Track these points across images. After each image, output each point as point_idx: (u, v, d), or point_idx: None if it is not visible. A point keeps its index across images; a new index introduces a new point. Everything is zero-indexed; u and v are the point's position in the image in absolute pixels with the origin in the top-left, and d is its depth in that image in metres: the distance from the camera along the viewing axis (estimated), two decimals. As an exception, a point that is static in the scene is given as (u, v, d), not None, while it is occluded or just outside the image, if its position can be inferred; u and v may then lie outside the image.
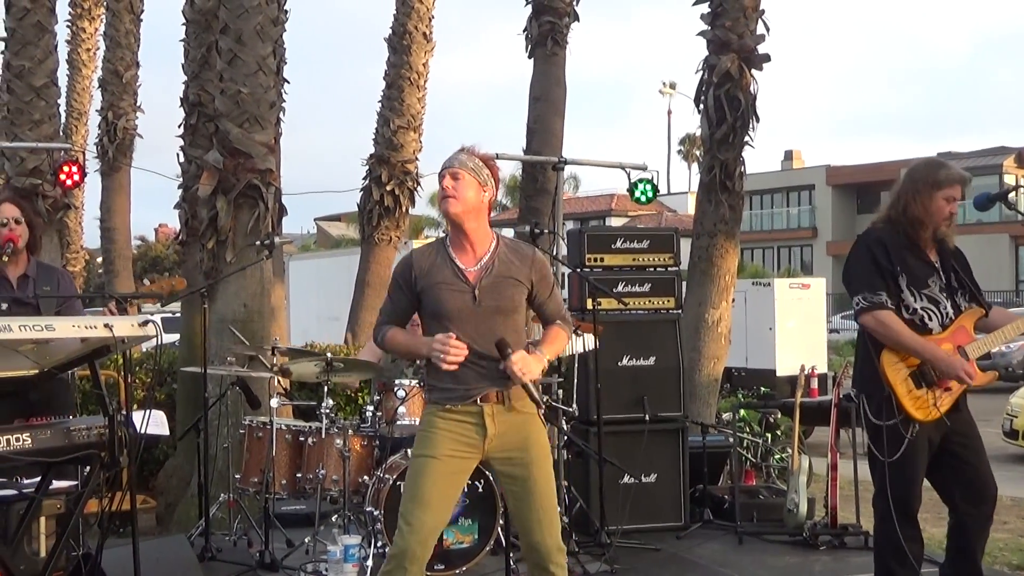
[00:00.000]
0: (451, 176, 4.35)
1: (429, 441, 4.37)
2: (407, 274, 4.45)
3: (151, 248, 53.23)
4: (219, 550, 6.79)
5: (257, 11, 8.56)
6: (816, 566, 6.98)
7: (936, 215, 5.06)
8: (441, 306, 4.34)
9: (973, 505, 5.09)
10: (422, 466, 4.35)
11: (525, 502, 4.39)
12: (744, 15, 10.65)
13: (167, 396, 9.52)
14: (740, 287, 13.90)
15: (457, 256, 4.41)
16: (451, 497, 4.43)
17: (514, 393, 4.35)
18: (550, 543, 4.37)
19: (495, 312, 4.34)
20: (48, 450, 4.19)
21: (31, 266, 6.15)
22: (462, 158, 4.39)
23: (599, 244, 8.00)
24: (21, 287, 6.11)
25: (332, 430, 6.65)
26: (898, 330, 4.96)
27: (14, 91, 10.51)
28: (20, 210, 6.13)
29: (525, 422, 4.40)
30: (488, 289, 4.34)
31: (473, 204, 4.35)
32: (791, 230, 52.43)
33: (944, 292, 5.09)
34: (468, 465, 4.44)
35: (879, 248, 5.07)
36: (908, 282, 5.03)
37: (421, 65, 14.75)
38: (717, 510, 8.18)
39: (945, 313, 5.07)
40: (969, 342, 5.07)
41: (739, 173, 10.65)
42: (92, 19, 22.00)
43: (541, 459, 4.42)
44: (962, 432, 5.09)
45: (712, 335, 10.40)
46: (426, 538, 4.28)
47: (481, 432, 4.34)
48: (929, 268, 5.10)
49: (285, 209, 8.90)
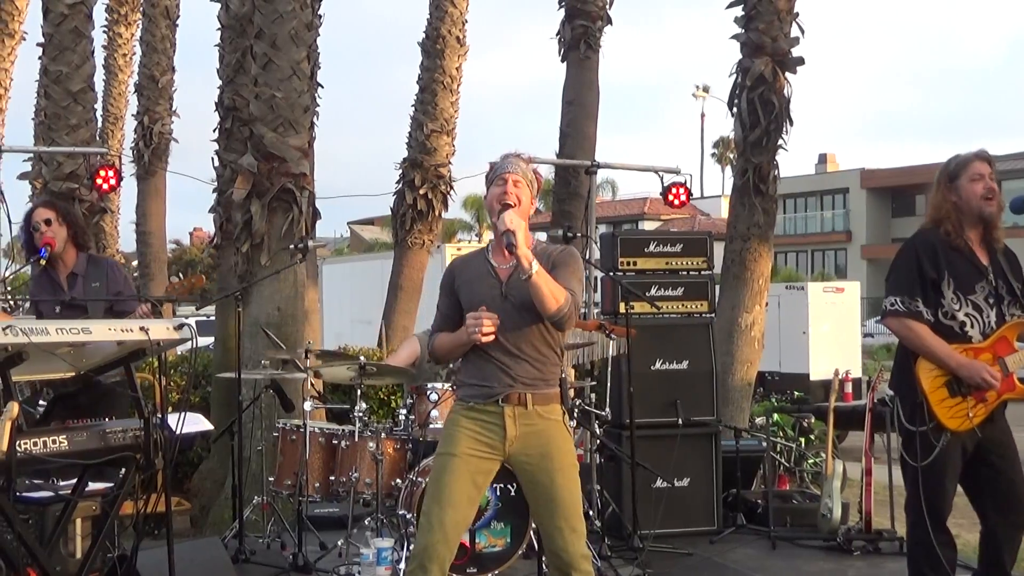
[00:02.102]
0: (513, 183, 4.45)
1: (451, 439, 4.42)
2: (449, 277, 4.62)
3: (186, 252, 53.58)
4: (253, 552, 6.82)
5: (291, 16, 8.60)
6: (850, 571, 6.94)
7: (970, 200, 5.02)
8: (472, 299, 4.44)
9: (1004, 515, 5.04)
10: (444, 464, 4.39)
11: (548, 509, 4.38)
12: (778, 18, 10.62)
13: (202, 399, 9.57)
14: (774, 291, 13.86)
15: (494, 256, 4.52)
16: (472, 497, 4.41)
17: (535, 397, 4.37)
18: (573, 551, 4.35)
19: (522, 307, 4.36)
20: (84, 452, 4.22)
21: (79, 263, 6.21)
22: (522, 166, 4.50)
23: (632, 248, 7.99)
24: (71, 286, 6.18)
25: (365, 433, 6.66)
26: (924, 336, 4.92)
27: (51, 96, 10.59)
28: (54, 211, 6.20)
29: (548, 428, 4.40)
30: (515, 284, 4.39)
31: (525, 210, 4.46)
32: (825, 234, 52.16)
33: (991, 299, 5.02)
34: (489, 466, 4.43)
35: (928, 252, 5.01)
36: (955, 287, 4.97)
37: (454, 69, 14.76)
38: (750, 515, 8.15)
39: (987, 322, 5.00)
40: (1010, 353, 4.99)
41: (773, 176, 10.61)
42: (128, 24, 22.10)
43: (566, 467, 4.40)
44: (997, 442, 5.03)
45: (745, 339, 10.37)
46: (447, 536, 4.28)
47: (501, 433, 4.35)
48: (979, 274, 5.02)
49: (319, 213, 8.93)
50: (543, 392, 4.39)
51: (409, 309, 14.79)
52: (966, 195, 5.03)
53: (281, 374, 7.19)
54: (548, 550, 4.45)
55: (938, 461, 4.91)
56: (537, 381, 4.39)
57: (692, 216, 46.86)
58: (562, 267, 4.42)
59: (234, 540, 6.88)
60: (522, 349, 4.39)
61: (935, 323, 4.96)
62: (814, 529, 7.78)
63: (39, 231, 6.11)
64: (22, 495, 4.59)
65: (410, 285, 14.81)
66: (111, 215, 22.25)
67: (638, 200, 52.66)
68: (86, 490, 4.55)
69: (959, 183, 5.05)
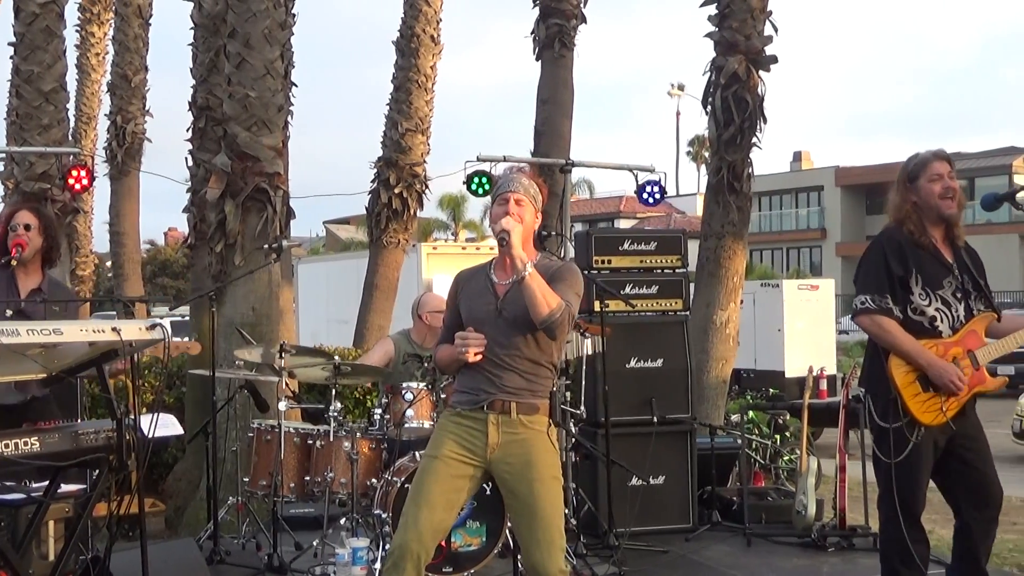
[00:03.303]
0: (516, 202, 4.41)
1: (436, 443, 4.46)
2: (453, 290, 4.66)
3: (160, 252, 53.27)
4: (228, 553, 6.80)
5: (265, 15, 8.57)
6: (824, 568, 6.98)
7: (929, 199, 5.07)
8: (470, 313, 4.48)
9: (977, 509, 5.08)
10: (425, 466, 4.44)
11: (526, 520, 4.37)
12: (752, 16, 10.66)
13: (176, 399, 9.53)
14: (748, 288, 13.90)
15: (496, 272, 4.52)
16: (453, 501, 4.41)
17: (520, 406, 4.37)
18: (550, 566, 4.31)
19: (515, 323, 4.35)
20: (56, 454, 4.19)
21: (45, 282, 6.05)
22: (525, 183, 4.46)
23: (606, 246, 8.01)
24: (30, 298, 6.03)
25: (340, 433, 6.65)
26: (894, 333, 4.96)
27: (23, 96, 10.54)
28: (38, 220, 6.03)
29: (531, 438, 4.38)
30: (510, 300, 4.39)
31: (529, 228, 4.44)
32: (800, 231, 52.35)
33: (958, 294, 5.07)
34: (471, 471, 4.42)
35: (894, 250, 5.05)
36: (923, 283, 5.01)
37: (429, 68, 14.75)
38: (725, 512, 8.17)
39: (956, 316, 5.05)
40: (979, 346, 5.06)
41: (747, 174, 10.65)
42: (101, 24, 22.02)
43: (547, 479, 4.38)
44: (969, 436, 5.07)
45: (720, 336, 10.40)
46: (423, 536, 4.27)
47: (483, 439, 4.36)
48: (945, 270, 5.07)
49: (293, 212, 8.91)
50: (528, 402, 4.38)
51: (385, 308, 14.76)
52: (925, 195, 5.08)
53: (255, 375, 7.18)
54: (525, 564, 4.45)
55: (911, 457, 4.94)
56: (523, 391, 4.37)
57: (668, 214, 46.99)
58: (560, 281, 4.39)
59: (209, 541, 6.86)
60: (513, 361, 4.39)
61: (905, 319, 5.00)
62: (789, 526, 7.82)
63: (16, 232, 5.98)
64: (-7, 497, 4.57)
65: (386, 284, 14.79)
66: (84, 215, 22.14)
67: (614, 198, 52.76)
68: (58, 492, 4.53)
69: (919, 183, 5.11)
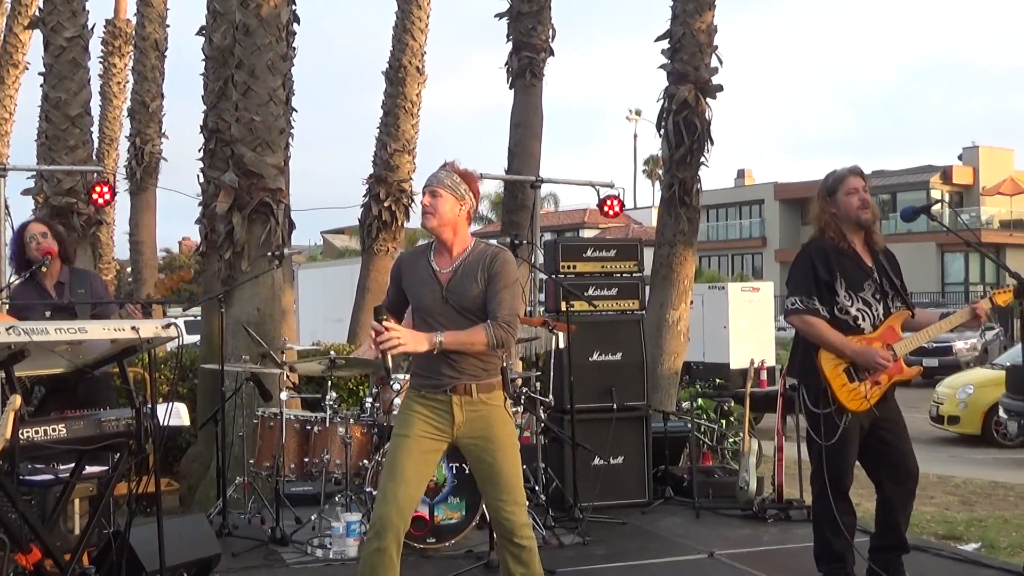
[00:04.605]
0: (430, 194, 4.35)
1: (405, 422, 4.37)
2: (396, 271, 4.56)
3: (175, 259, 52.95)
4: (235, 527, 6.79)
5: (268, 48, 8.55)
6: (764, 536, 7.01)
7: (847, 210, 5.12)
8: (418, 302, 4.39)
9: (897, 484, 5.13)
10: (398, 444, 4.35)
11: (492, 484, 4.36)
12: (700, 50, 10.70)
13: (189, 390, 9.49)
14: (697, 290, 13.91)
15: (435, 259, 4.41)
16: (423, 474, 4.38)
17: (479, 386, 4.33)
18: (515, 520, 4.31)
19: (462, 310, 4.30)
20: (81, 439, 4.18)
21: (63, 273, 6.22)
22: (441, 176, 4.36)
23: (572, 253, 8.01)
24: (59, 294, 6.16)
25: (335, 419, 6.65)
26: (822, 330, 5.02)
27: (52, 120, 10.46)
28: (46, 227, 6.29)
29: (491, 413, 4.36)
30: (454, 288, 4.32)
31: (449, 218, 4.34)
32: (743, 240, 52.45)
33: (877, 295, 5.13)
34: (439, 446, 4.38)
35: (821, 257, 5.11)
36: (846, 286, 5.07)
37: (415, 95, 14.70)
38: (677, 488, 8.21)
39: (876, 315, 5.11)
40: (897, 340, 5.12)
41: (696, 190, 10.68)
42: (122, 56, 21.89)
43: (507, 447, 4.37)
44: (889, 419, 5.14)
45: (672, 333, 10.43)
46: (400, 508, 4.23)
47: (449, 419, 4.32)
48: (865, 274, 5.12)
49: (294, 223, 8.89)
50: (486, 381, 4.35)
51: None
52: (843, 207, 5.13)
53: (260, 368, 7.16)
54: (493, 520, 4.44)
55: (840, 439, 4.99)
56: (480, 372, 4.33)
57: (626, 225, 46.96)
58: (495, 279, 4.30)
59: (218, 516, 6.83)
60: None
61: (832, 318, 5.06)
62: (733, 500, 7.86)
63: (37, 242, 6.12)
64: (25, 478, 4.55)
65: (376, 287, 14.70)
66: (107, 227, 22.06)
67: (578, 211, 52.69)
68: (83, 473, 4.51)
69: (837, 196, 5.16)
